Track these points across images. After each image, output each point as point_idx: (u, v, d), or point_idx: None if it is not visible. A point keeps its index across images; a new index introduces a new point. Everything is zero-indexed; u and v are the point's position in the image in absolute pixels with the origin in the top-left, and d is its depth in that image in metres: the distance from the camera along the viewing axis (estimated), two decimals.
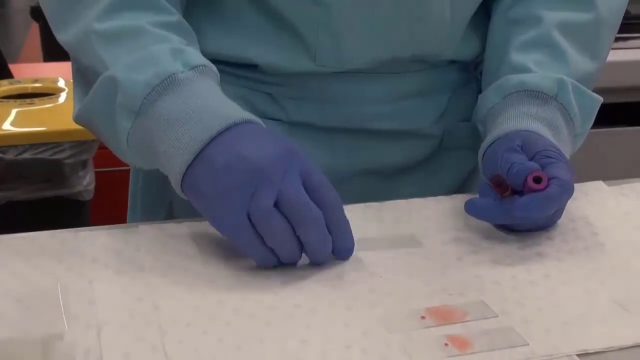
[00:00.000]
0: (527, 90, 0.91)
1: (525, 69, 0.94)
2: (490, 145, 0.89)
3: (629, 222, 0.90)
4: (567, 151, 0.91)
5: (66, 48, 0.88)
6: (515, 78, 0.93)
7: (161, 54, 0.80)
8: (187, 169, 0.77)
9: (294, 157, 0.77)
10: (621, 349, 0.68)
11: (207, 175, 0.76)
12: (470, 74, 1.06)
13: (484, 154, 0.90)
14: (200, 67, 0.81)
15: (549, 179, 0.82)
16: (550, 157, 0.84)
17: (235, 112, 0.79)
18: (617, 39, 1.04)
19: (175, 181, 0.78)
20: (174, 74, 0.79)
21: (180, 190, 0.78)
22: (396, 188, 1.02)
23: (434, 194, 0.95)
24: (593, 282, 0.78)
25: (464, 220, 0.88)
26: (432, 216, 0.90)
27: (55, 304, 0.71)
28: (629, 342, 0.68)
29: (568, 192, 0.83)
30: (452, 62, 1.02)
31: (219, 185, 0.75)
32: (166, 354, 0.65)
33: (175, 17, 0.87)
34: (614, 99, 1.89)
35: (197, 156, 0.76)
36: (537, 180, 0.81)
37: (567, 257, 0.82)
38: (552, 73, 0.92)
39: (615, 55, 1.74)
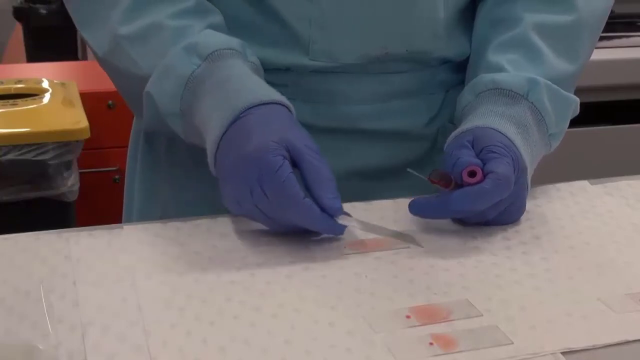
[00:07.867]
0: (498, 89, 0.92)
1: (500, 69, 0.94)
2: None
3: (613, 221, 0.90)
4: (538, 150, 0.92)
5: (93, 48, 0.95)
6: (488, 77, 0.93)
7: (176, 58, 0.87)
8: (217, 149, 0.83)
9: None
10: (606, 346, 0.68)
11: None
12: (463, 75, 1.06)
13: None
14: (214, 54, 0.87)
15: (486, 174, 0.82)
16: (493, 152, 0.85)
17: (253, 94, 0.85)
18: (601, 38, 1.04)
19: (210, 156, 0.84)
20: (191, 73, 0.86)
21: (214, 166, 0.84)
22: (388, 189, 1.01)
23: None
24: (578, 280, 0.78)
25: (448, 220, 0.88)
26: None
27: (39, 305, 0.71)
28: (614, 340, 0.68)
29: (503, 186, 0.82)
30: (444, 62, 1.02)
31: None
32: (150, 355, 0.65)
33: (191, 1, 0.91)
34: (598, 97, 1.90)
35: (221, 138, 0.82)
36: (472, 174, 0.82)
37: (553, 255, 0.82)
38: (525, 73, 0.93)
39: (600, 54, 1.74)
